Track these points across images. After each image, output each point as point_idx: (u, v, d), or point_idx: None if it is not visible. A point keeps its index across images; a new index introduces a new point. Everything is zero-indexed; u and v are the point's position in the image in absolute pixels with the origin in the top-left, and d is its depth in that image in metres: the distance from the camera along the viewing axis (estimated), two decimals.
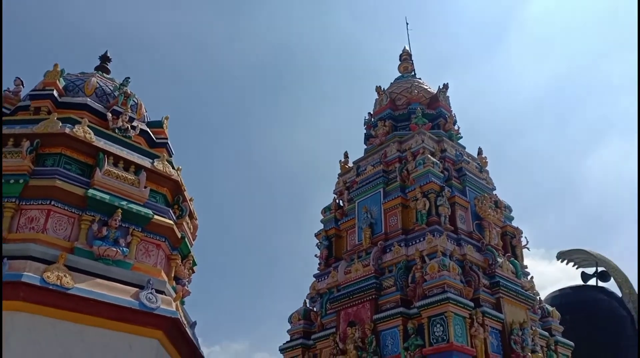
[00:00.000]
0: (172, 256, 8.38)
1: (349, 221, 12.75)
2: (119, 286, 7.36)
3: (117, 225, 7.73)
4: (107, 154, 8.22)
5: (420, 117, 13.35)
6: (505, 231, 12.19)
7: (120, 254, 7.64)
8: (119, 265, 7.62)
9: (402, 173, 12.34)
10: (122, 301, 7.15)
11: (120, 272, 7.55)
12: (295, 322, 12.09)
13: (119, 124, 9.04)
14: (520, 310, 10.47)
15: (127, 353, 7.08)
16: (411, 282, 10.34)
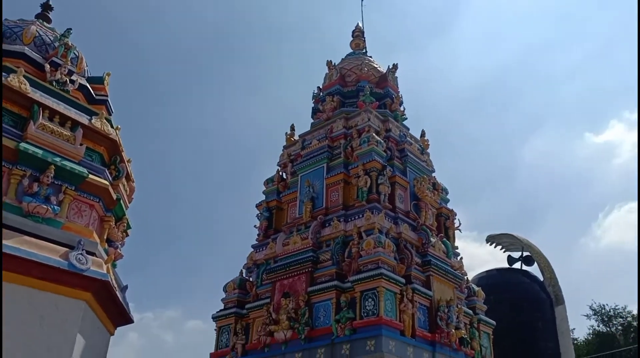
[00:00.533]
0: (106, 217, 8.16)
1: (291, 194, 12.79)
2: (48, 245, 7.11)
3: (49, 181, 7.43)
4: (43, 107, 7.84)
5: (368, 96, 13.46)
6: (440, 213, 12.58)
7: (50, 212, 7.36)
8: (49, 223, 7.36)
9: (346, 149, 12.46)
10: (51, 261, 6.92)
11: (50, 231, 7.30)
12: (230, 291, 12.11)
13: (57, 76, 8.62)
14: (448, 289, 10.90)
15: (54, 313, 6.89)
16: (347, 257, 10.54)
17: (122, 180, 8.62)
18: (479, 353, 11.11)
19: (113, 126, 8.71)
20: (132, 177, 9.16)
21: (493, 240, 22.52)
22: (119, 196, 8.40)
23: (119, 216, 8.63)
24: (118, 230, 8.52)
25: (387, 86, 14.48)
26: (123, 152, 8.83)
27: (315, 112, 14.44)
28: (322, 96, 14.50)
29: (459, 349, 10.45)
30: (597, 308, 28.77)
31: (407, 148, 12.75)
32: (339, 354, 9.37)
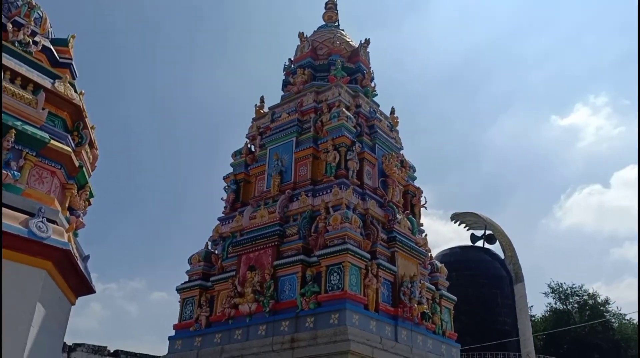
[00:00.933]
0: (68, 185, 7.92)
1: (259, 167, 12.70)
2: (8, 212, 6.88)
3: (10, 146, 7.16)
4: (4, 68, 7.52)
5: (340, 70, 13.37)
6: (407, 190, 12.70)
7: (10, 178, 7.11)
8: (9, 189, 7.11)
9: (316, 123, 12.40)
10: (10, 228, 6.71)
11: (10, 197, 7.06)
12: (195, 263, 12.04)
13: (19, 37, 8.23)
14: (412, 265, 11.08)
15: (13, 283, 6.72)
16: (314, 232, 10.58)
17: (85, 147, 8.37)
18: (439, 327, 11.38)
19: (77, 91, 8.41)
20: (95, 144, 8.90)
21: (457, 218, 23.01)
22: (81, 164, 8.16)
23: (81, 184, 8.40)
24: (80, 198, 8.30)
25: (359, 61, 14.39)
26: (87, 118, 8.56)
27: (286, 85, 14.28)
28: (293, 69, 14.33)
29: (421, 323, 10.68)
30: (555, 287, 29.81)
31: (376, 124, 12.76)
32: (303, 327, 9.46)
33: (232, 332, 10.39)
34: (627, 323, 29.14)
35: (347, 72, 13.75)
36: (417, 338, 10.42)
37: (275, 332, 9.75)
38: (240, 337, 10.22)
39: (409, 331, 10.28)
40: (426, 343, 10.66)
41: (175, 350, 11.19)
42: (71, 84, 8.30)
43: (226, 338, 10.43)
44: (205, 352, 10.54)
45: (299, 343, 9.26)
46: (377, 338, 9.40)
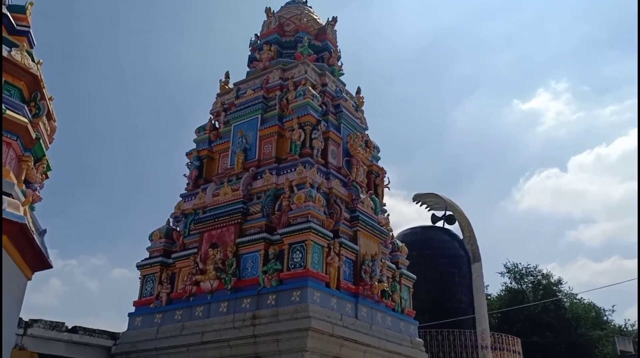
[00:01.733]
0: (24, 157, 7.67)
1: (223, 144, 12.57)
2: None
3: None
4: None
5: (306, 48, 13.27)
6: (371, 170, 12.80)
7: None
8: None
9: (281, 101, 12.31)
10: None
11: None
12: (156, 239, 11.89)
13: None
14: (374, 243, 11.23)
15: None
16: (277, 210, 10.58)
17: (42, 118, 8.09)
18: (398, 305, 11.62)
19: (34, 60, 8.11)
20: (53, 116, 8.61)
21: (419, 199, 23.35)
22: (38, 135, 7.91)
23: (38, 156, 8.15)
24: (37, 171, 8.06)
25: (326, 39, 14.31)
26: (44, 89, 8.27)
27: (252, 61, 14.09)
28: (260, 44, 14.14)
29: (380, 301, 10.88)
30: (511, 267, 30.70)
31: (342, 103, 12.76)
32: (265, 304, 9.52)
33: (193, 309, 10.37)
34: (577, 303, 30.35)
35: (313, 50, 13.66)
36: (376, 315, 10.62)
37: (236, 309, 9.78)
38: (201, 314, 10.21)
39: (369, 308, 10.46)
40: (385, 320, 10.87)
41: (135, 326, 11.10)
42: (28, 53, 8.00)
43: (187, 315, 10.41)
44: (165, 329, 10.50)
45: (260, 320, 9.32)
46: (338, 315, 9.54)
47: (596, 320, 29.99)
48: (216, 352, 9.67)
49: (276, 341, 9.03)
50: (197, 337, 9.90)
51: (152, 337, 10.56)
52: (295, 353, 8.85)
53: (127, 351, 10.76)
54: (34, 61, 8.00)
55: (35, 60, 8.09)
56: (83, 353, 10.58)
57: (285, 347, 8.95)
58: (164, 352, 10.31)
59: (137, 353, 10.64)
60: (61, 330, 10.25)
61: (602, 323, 30.42)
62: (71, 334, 10.37)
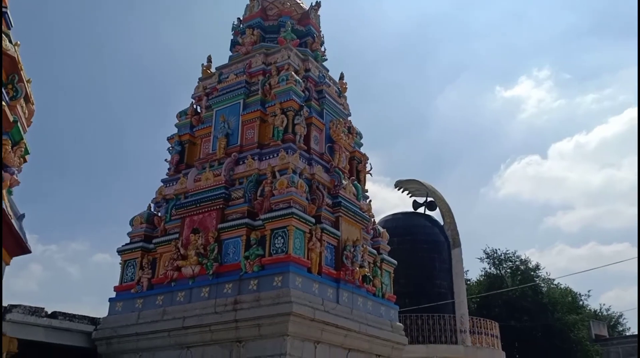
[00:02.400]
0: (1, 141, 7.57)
1: (205, 128, 12.47)
2: None
3: None
4: None
5: (289, 32, 13.18)
6: (353, 156, 12.83)
7: None
8: None
9: (264, 86, 12.24)
10: None
11: None
12: (137, 224, 11.81)
13: None
14: (355, 229, 11.29)
15: None
16: (260, 196, 10.56)
17: (20, 101, 7.95)
18: (379, 290, 11.73)
19: (12, 42, 7.94)
20: (31, 98, 8.47)
21: (401, 185, 23.51)
22: (16, 118, 7.78)
23: (15, 140, 8.02)
24: (14, 155, 7.93)
25: (309, 24, 14.22)
26: (22, 71, 8.11)
27: (235, 45, 13.95)
28: (242, 29, 13.99)
29: (362, 286, 10.97)
30: (490, 252, 31.17)
31: (325, 89, 12.73)
32: (247, 289, 9.54)
33: (175, 294, 10.36)
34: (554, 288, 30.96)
35: (297, 35, 13.57)
36: (357, 300, 10.72)
37: (218, 294, 9.79)
38: (182, 299, 10.21)
39: (350, 293, 10.55)
40: (366, 304, 10.98)
41: (116, 311, 11.06)
42: (6, 34, 7.83)
43: (168, 300, 10.39)
44: (146, 314, 10.48)
45: (241, 305, 9.35)
46: (319, 300, 9.61)
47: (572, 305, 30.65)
48: (198, 336, 9.69)
49: (258, 326, 9.08)
50: (178, 321, 9.90)
51: (133, 322, 10.54)
52: (276, 337, 8.91)
53: (107, 336, 10.73)
54: (11, 43, 7.84)
55: (12, 42, 7.93)
56: (63, 338, 10.53)
57: (266, 332, 9.00)
58: (145, 337, 10.31)
59: (117, 339, 10.62)
60: (40, 315, 10.17)
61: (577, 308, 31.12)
62: (51, 319, 10.30)
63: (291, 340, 8.89)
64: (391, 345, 11.35)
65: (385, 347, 11.20)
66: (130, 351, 10.52)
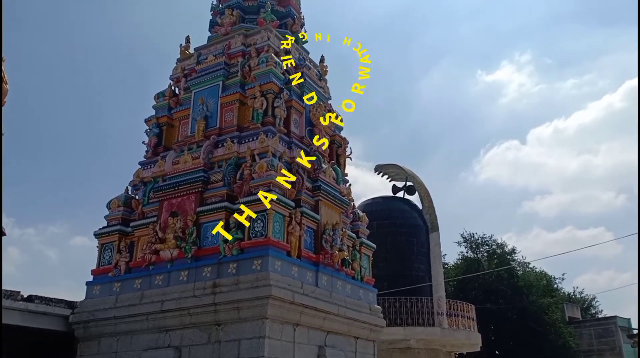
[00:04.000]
0: None
1: (184, 110, 12.31)
2: None
3: None
4: None
5: (269, 13, 13.01)
6: (333, 140, 12.80)
7: None
8: None
9: (243, 68, 12.09)
10: None
11: None
12: (115, 208, 11.66)
13: None
14: (335, 213, 11.31)
15: None
16: (239, 179, 10.49)
17: None
18: (358, 273, 11.80)
19: None
20: (5, 78, 8.24)
21: (380, 169, 23.60)
22: None
23: None
24: None
25: (290, 4, 14.05)
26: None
27: (213, 26, 13.73)
28: (221, 9, 13.76)
29: (341, 269, 11.03)
30: (467, 236, 31.63)
31: (305, 72, 12.63)
32: (226, 273, 9.51)
33: (153, 278, 10.29)
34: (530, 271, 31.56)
35: (277, 16, 13.41)
36: (336, 283, 10.77)
37: (197, 278, 9.75)
38: (161, 283, 10.14)
39: (330, 276, 10.60)
40: (345, 288, 11.05)
41: (93, 295, 10.95)
42: None
43: (146, 283, 10.32)
44: (124, 298, 10.40)
45: (220, 289, 9.33)
46: (298, 283, 9.63)
47: (547, 288, 31.34)
48: (176, 320, 9.65)
49: (237, 309, 9.08)
50: (156, 305, 9.85)
51: (111, 305, 10.46)
52: (255, 320, 8.92)
53: (85, 320, 10.64)
54: None
55: None
56: (40, 322, 10.42)
57: (245, 315, 9.01)
58: (122, 321, 10.24)
59: (95, 322, 10.53)
60: (16, 298, 10.04)
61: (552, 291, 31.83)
62: (27, 303, 10.17)
63: (270, 323, 8.91)
64: (370, 327, 11.46)
65: (364, 330, 11.30)
66: (108, 335, 10.44)
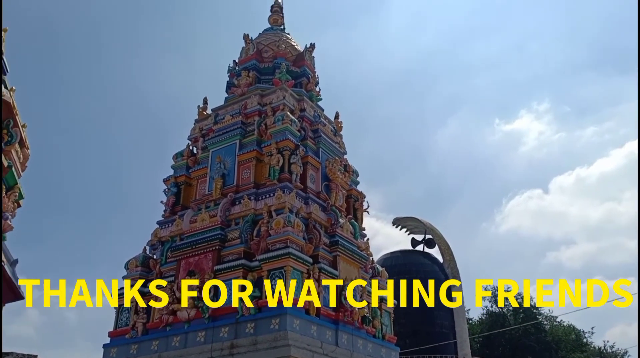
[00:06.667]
0: None
1: (201, 169, 12.47)
2: None
3: None
4: None
5: (284, 73, 13.34)
6: (350, 194, 12.79)
7: None
8: None
9: (260, 126, 12.30)
10: None
11: None
12: (133, 268, 11.64)
13: None
14: (354, 268, 11.15)
15: None
16: (256, 236, 10.46)
17: (14, 146, 7.95)
18: (379, 331, 11.50)
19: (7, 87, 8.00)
20: (26, 143, 8.47)
21: (399, 222, 23.42)
22: (10, 164, 7.76)
23: (10, 185, 7.99)
24: (8, 200, 7.89)
25: (304, 65, 14.42)
26: (17, 116, 8.15)
27: (230, 87, 14.11)
28: (238, 71, 14.17)
29: (361, 327, 10.75)
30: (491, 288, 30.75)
31: (320, 128, 12.80)
32: (244, 333, 9.33)
33: (170, 339, 10.11)
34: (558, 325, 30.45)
35: (292, 76, 13.74)
36: (357, 342, 10.48)
37: (214, 338, 9.57)
38: (178, 344, 9.97)
39: (350, 335, 10.33)
40: (366, 347, 10.73)
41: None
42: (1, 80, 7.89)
43: (164, 345, 10.15)
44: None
45: (238, 350, 9.13)
46: (318, 342, 9.39)
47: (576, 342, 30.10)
48: None
49: None
50: None
51: None
52: None
53: None
54: (6, 88, 7.89)
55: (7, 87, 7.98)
56: None
57: None
58: None
59: None
60: None
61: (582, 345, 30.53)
62: None
63: None
64: None
65: None
66: None
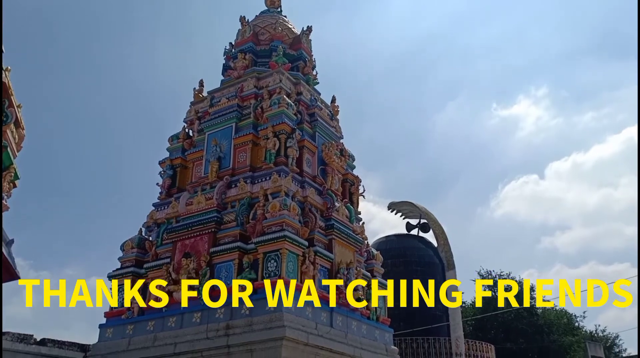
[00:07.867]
0: None
1: (197, 152, 12.47)
2: None
3: None
4: None
5: (281, 57, 13.29)
6: (346, 178, 12.84)
7: None
8: None
9: (256, 110, 12.28)
10: None
11: None
12: (128, 249, 11.69)
13: None
14: (349, 252, 11.24)
15: None
16: (252, 219, 10.51)
17: (10, 126, 7.91)
18: (373, 313, 11.62)
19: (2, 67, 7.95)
20: (22, 123, 8.43)
21: (394, 207, 23.52)
22: (5, 144, 7.74)
23: (5, 165, 7.97)
24: (4, 180, 7.88)
25: (301, 48, 14.36)
26: (12, 96, 8.10)
27: (226, 70, 14.05)
28: (234, 53, 14.11)
29: (356, 309, 10.86)
30: (484, 274, 30.99)
31: (317, 112, 12.80)
32: (239, 314, 9.42)
33: (166, 320, 10.21)
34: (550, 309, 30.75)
35: (288, 59, 13.69)
36: (351, 323, 10.61)
37: (210, 320, 9.66)
38: (174, 325, 10.06)
39: (344, 317, 10.44)
40: (360, 328, 10.87)
41: (106, 338, 10.87)
42: None
43: (159, 325, 10.24)
44: (137, 340, 10.31)
45: (234, 330, 9.23)
46: (313, 324, 9.50)
47: (568, 326, 30.42)
48: None
49: (250, 351, 8.95)
50: (169, 347, 9.74)
51: (124, 348, 10.36)
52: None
53: None
54: (1, 69, 7.84)
55: (2, 67, 7.93)
56: None
57: (259, 357, 8.87)
58: None
59: None
60: (29, 342, 10.02)
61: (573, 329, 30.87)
62: (40, 346, 10.15)
63: None
64: None
65: None
66: None
